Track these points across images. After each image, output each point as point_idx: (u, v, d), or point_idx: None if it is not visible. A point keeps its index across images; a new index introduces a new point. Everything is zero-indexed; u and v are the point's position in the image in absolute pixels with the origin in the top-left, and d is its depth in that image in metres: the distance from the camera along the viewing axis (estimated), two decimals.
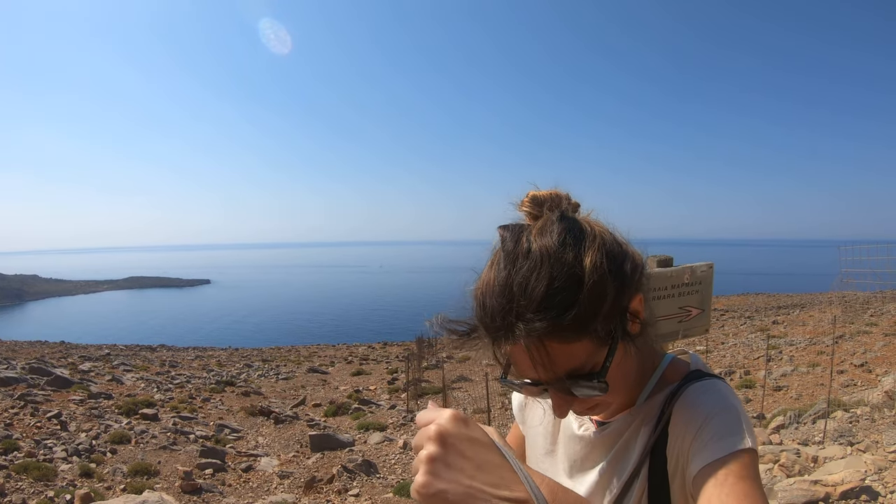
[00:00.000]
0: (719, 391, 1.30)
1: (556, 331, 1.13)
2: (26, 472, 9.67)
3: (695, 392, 1.31)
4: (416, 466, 0.97)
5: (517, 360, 1.24)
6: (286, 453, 13.39)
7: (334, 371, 29.67)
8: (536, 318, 1.12)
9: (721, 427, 1.21)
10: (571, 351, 1.18)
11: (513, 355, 1.25)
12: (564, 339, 1.15)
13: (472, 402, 17.47)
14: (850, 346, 18.55)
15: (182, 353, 40.82)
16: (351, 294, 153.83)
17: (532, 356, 1.18)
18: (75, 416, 14.09)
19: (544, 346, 1.16)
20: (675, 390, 1.35)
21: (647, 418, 1.37)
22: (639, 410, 1.40)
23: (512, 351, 1.23)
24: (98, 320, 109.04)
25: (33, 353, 32.59)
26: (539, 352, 1.17)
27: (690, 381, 1.35)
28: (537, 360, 1.18)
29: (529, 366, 1.21)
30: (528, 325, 1.12)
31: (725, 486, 1.13)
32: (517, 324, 1.14)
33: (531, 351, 1.17)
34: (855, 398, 11.55)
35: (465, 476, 0.93)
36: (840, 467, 6.92)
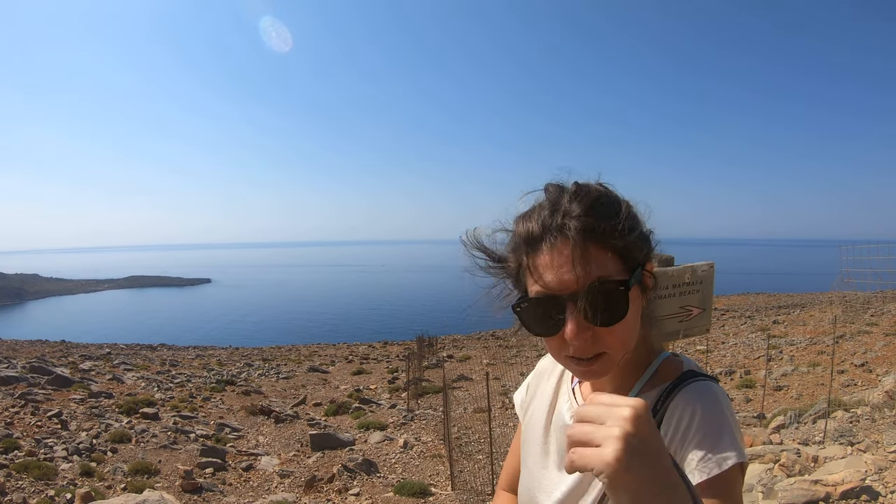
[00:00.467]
0: (714, 396, 1.35)
1: (600, 231, 1.29)
2: (27, 470, 9.67)
3: (690, 394, 1.36)
4: (599, 441, 1.00)
5: (550, 267, 1.31)
6: (286, 452, 13.40)
7: (335, 370, 29.67)
8: (585, 216, 1.29)
9: (711, 441, 1.27)
10: (606, 259, 1.30)
11: (546, 265, 1.32)
12: (604, 243, 1.30)
13: (472, 401, 17.49)
14: (850, 345, 18.56)
15: (182, 352, 40.86)
16: (351, 293, 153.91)
17: (574, 255, 1.27)
18: (76, 415, 14.09)
19: (587, 247, 1.28)
20: (670, 389, 1.40)
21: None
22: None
23: (546, 261, 1.32)
24: (98, 319, 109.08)
25: (34, 352, 32.61)
26: (582, 250, 1.27)
27: (686, 380, 1.40)
28: (577, 259, 1.27)
29: (567, 268, 1.28)
30: (579, 220, 1.29)
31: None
32: (567, 221, 1.30)
33: (575, 249, 1.27)
34: (855, 398, 11.56)
35: (653, 461, 0.98)
36: (840, 467, 6.92)
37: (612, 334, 1.32)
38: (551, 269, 1.31)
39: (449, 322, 71.09)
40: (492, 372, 15.12)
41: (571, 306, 1.28)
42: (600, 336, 1.31)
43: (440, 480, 11.18)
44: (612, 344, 1.33)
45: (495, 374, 20.37)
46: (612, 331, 1.31)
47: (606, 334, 1.31)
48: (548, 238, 1.33)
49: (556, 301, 1.31)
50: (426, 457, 12.73)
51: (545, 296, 1.33)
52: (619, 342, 1.33)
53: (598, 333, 1.31)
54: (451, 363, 28.38)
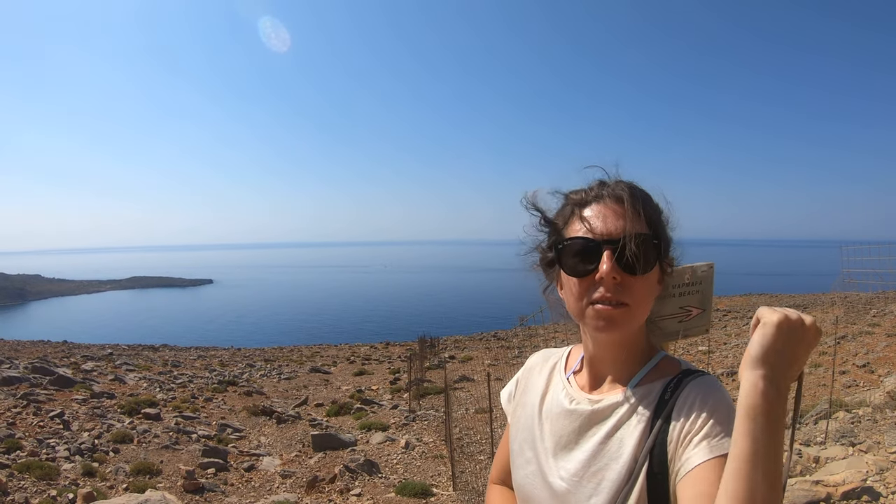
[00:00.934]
0: (722, 389, 1.46)
1: (643, 202, 1.56)
2: (29, 471, 9.68)
3: (700, 385, 1.48)
4: (787, 315, 1.27)
5: (597, 217, 1.56)
6: (288, 453, 13.41)
7: (336, 371, 29.68)
8: (634, 189, 1.59)
9: (722, 425, 1.37)
10: (643, 224, 1.53)
11: (593, 216, 1.56)
12: (646, 212, 1.55)
13: (473, 401, 17.48)
14: (852, 346, 18.53)
15: (184, 352, 40.87)
16: (353, 294, 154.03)
17: (620, 210, 1.53)
18: (78, 416, 14.11)
19: (633, 208, 1.52)
20: (677, 382, 1.52)
21: (644, 403, 1.53)
22: (633, 393, 1.56)
23: (594, 212, 1.57)
24: (100, 320, 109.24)
25: (36, 352, 32.62)
26: (629, 208, 1.52)
27: (690, 375, 1.53)
28: (623, 214, 1.53)
29: (611, 220, 1.53)
30: (629, 189, 1.57)
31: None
32: (619, 186, 1.59)
33: (622, 206, 1.54)
34: (857, 399, 11.54)
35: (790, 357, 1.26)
36: (842, 468, 6.92)
37: (636, 288, 1.50)
38: (597, 218, 1.54)
39: (450, 321, 70.91)
40: (493, 372, 15.11)
41: (609, 250, 1.48)
42: (627, 285, 1.49)
43: (442, 481, 11.18)
44: (634, 296, 1.50)
45: (497, 374, 20.34)
46: (636, 283, 1.50)
47: (633, 284, 1.50)
48: (600, 198, 1.58)
49: (595, 245, 1.51)
50: (428, 457, 12.74)
51: (586, 238, 1.53)
52: (640, 298, 1.52)
53: (625, 281, 1.49)
54: (453, 364, 28.38)
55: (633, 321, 1.52)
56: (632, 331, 1.57)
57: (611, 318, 1.49)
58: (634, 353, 1.63)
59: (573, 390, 1.71)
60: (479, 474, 11.00)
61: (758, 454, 1.18)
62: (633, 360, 1.63)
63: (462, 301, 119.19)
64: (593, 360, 1.69)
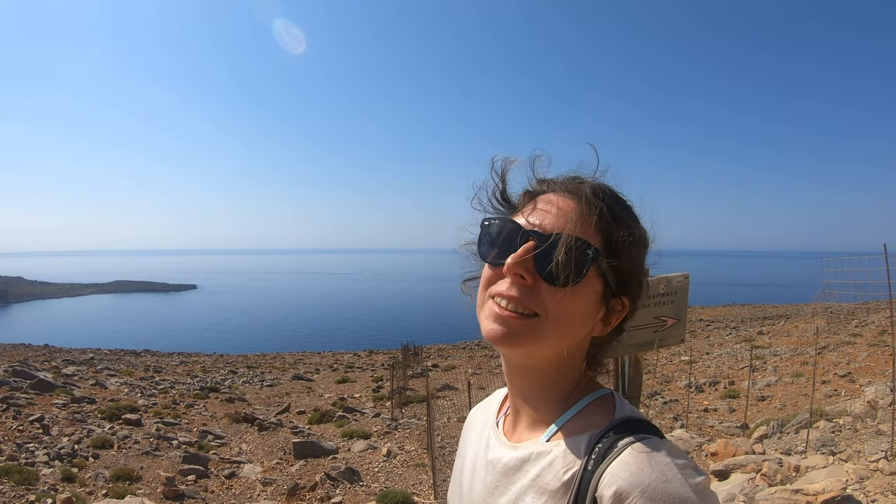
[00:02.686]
0: (659, 466, 1.09)
1: (611, 209, 1.25)
2: (7, 475, 9.61)
3: (632, 465, 1.10)
4: None
5: (542, 208, 1.27)
6: (269, 460, 13.36)
7: (319, 378, 29.65)
8: (602, 193, 1.26)
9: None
10: (593, 234, 1.22)
11: (540, 205, 1.29)
12: (605, 221, 1.23)
13: (455, 410, 17.48)
14: (834, 356, 18.66)
15: (166, 358, 40.71)
16: (338, 301, 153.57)
17: (568, 208, 1.24)
18: (58, 420, 14.02)
19: (587, 213, 1.22)
20: (605, 442, 1.18)
21: (558, 466, 1.21)
22: (547, 448, 1.26)
23: (543, 202, 1.29)
24: (82, 324, 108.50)
25: (16, 355, 32.43)
26: (582, 208, 1.22)
27: (624, 433, 1.18)
28: (573, 212, 1.23)
29: (553, 215, 1.25)
30: (595, 192, 1.25)
31: None
32: (584, 187, 1.27)
33: (580, 202, 1.24)
34: (838, 408, 11.62)
35: None
36: (822, 476, 6.95)
37: (553, 299, 1.20)
38: (541, 208, 1.28)
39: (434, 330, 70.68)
40: (476, 381, 15.16)
41: (532, 241, 1.21)
42: (539, 291, 1.21)
43: (423, 489, 11.17)
44: (548, 308, 1.20)
45: (480, 383, 20.38)
46: (553, 294, 1.20)
47: (547, 295, 1.20)
48: (559, 189, 1.29)
49: (516, 231, 1.26)
50: (409, 466, 12.72)
51: (514, 222, 1.28)
52: (558, 314, 1.21)
53: (538, 287, 1.21)
54: (436, 372, 28.43)
55: (539, 339, 1.22)
56: (542, 354, 1.27)
57: (507, 325, 1.23)
58: (553, 389, 1.33)
59: (498, 435, 1.44)
60: None
61: None
62: (552, 399, 1.33)
63: (446, 310, 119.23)
64: (511, 395, 1.44)
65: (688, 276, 1.98)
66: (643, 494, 1.04)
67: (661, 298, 1.93)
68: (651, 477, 1.06)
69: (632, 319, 1.36)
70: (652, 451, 1.10)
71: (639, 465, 1.08)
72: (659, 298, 1.90)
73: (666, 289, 1.92)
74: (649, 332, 1.94)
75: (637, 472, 1.07)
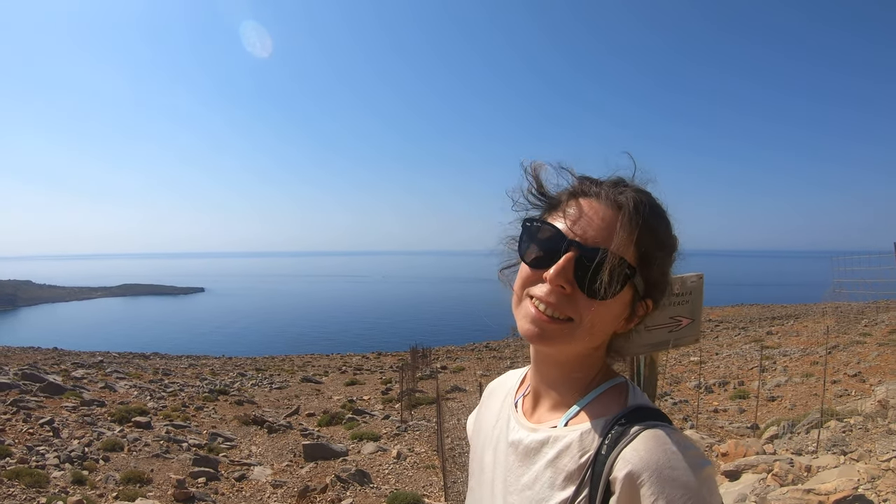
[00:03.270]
0: (669, 450, 1.20)
1: (649, 224, 1.31)
2: (18, 478, 9.64)
3: (642, 450, 1.20)
4: None
5: (585, 215, 1.33)
6: (279, 462, 13.37)
7: (328, 381, 29.64)
8: (643, 205, 1.31)
9: (675, 501, 1.14)
10: (630, 249, 1.29)
11: (582, 211, 1.33)
12: (643, 237, 1.30)
13: (465, 412, 17.46)
14: (844, 356, 18.57)
15: (175, 361, 40.77)
16: (346, 304, 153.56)
17: (612, 221, 1.29)
18: (68, 423, 14.06)
19: (628, 227, 1.27)
20: (619, 427, 1.27)
21: (576, 448, 1.31)
22: (566, 431, 1.36)
23: (585, 208, 1.34)
24: (91, 327, 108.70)
25: (26, 358, 32.53)
26: (623, 225, 1.28)
27: (636, 420, 1.28)
28: (616, 225, 1.29)
29: (598, 226, 1.30)
30: (637, 204, 1.30)
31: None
32: (627, 197, 1.31)
33: (622, 213, 1.29)
34: (849, 408, 11.56)
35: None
36: (833, 476, 6.93)
37: (588, 308, 1.29)
38: (583, 214, 1.32)
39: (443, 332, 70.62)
40: (485, 383, 15.11)
41: (573, 252, 1.29)
42: (576, 299, 1.30)
43: (433, 491, 11.16)
44: (583, 315, 1.30)
45: (489, 385, 20.36)
46: (590, 304, 1.29)
47: (583, 304, 1.29)
48: (601, 197, 1.34)
49: (560, 240, 1.32)
50: (419, 468, 12.71)
51: (557, 229, 1.34)
52: (591, 321, 1.30)
53: (575, 296, 1.30)
54: (445, 374, 28.39)
55: (572, 342, 1.33)
56: (571, 351, 1.38)
57: (543, 329, 1.32)
58: (578, 377, 1.43)
59: (517, 416, 1.54)
60: None
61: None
62: (575, 386, 1.43)
63: (454, 311, 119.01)
64: (534, 379, 1.53)
65: (702, 277, 1.98)
66: (652, 477, 1.15)
67: (676, 298, 1.93)
68: (660, 461, 1.17)
69: (651, 315, 1.45)
70: (662, 438, 1.21)
71: (649, 450, 1.19)
72: (674, 298, 1.91)
73: (681, 289, 1.93)
74: (664, 331, 1.94)
75: (647, 456, 1.18)
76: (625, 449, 1.21)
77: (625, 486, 1.18)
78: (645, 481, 1.16)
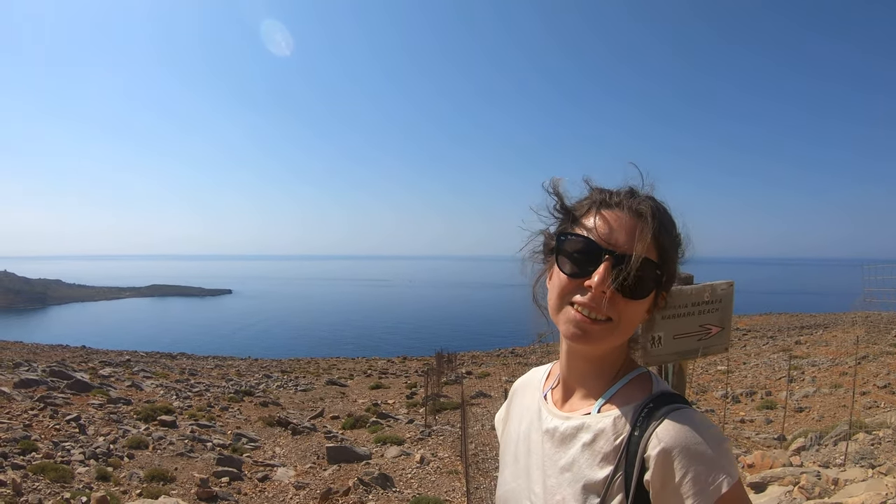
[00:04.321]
0: (696, 427, 1.38)
1: (664, 227, 1.51)
2: (43, 472, 9.74)
3: (673, 428, 1.38)
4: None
5: (612, 224, 1.50)
6: (303, 464, 13.40)
7: (353, 384, 29.66)
8: (657, 211, 1.51)
9: (702, 477, 1.32)
10: (652, 250, 1.48)
11: (610, 221, 1.51)
12: (658, 238, 1.48)
13: (490, 417, 17.41)
14: (873, 366, 18.37)
15: (201, 361, 41.01)
16: (372, 308, 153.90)
17: (637, 227, 1.47)
18: (94, 420, 14.18)
19: (651, 225, 1.46)
20: (647, 413, 1.45)
21: (610, 432, 1.48)
22: (599, 417, 1.52)
23: (612, 218, 1.51)
24: (119, 327, 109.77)
25: (54, 356, 32.90)
26: (646, 230, 1.46)
27: (662, 405, 1.46)
28: (639, 233, 1.46)
29: (625, 233, 1.47)
30: (653, 210, 1.49)
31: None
32: (644, 204, 1.50)
33: (642, 225, 1.47)
34: (877, 420, 11.42)
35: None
36: (860, 490, 6.84)
37: (623, 307, 1.47)
38: (611, 225, 1.49)
39: (468, 337, 70.51)
40: (510, 389, 15.07)
41: (609, 260, 1.45)
42: (615, 301, 1.46)
43: (456, 497, 11.14)
44: (621, 313, 1.48)
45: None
46: (625, 303, 1.47)
47: (620, 303, 1.47)
48: (622, 207, 1.51)
49: (597, 250, 1.48)
50: (442, 473, 12.69)
51: (592, 241, 1.49)
52: (626, 319, 1.49)
53: (614, 298, 1.46)
54: (470, 380, 28.35)
55: (611, 339, 1.50)
56: (608, 346, 1.55)
57: (587, 330, 1.48)
58: (606, 369, 1.61)
59: (549, 407, 1.69)
60: (493, 491, 10.92)
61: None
62: (604, 377, 1.60)
63: (481, 317, 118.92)
64: (564, 372, 1.69)
65: (732, 284, 1.96)
66: (681, 452, 1.34)
67: (706, 307, 1.91)
68: (688, 439, 1.35)
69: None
70: (687, 418, 1.40)
71: (677, 429, 1.37)
72: (704, 307, 1.89)
73: (710, 297, 1.90)
74: (693, 340, 1.92)
75: (676, 434, 1.36)
76: (657, 429, 1.39)
77: (658, 462, 1.35)
78: (675, 457, 1.34)
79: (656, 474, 1.36)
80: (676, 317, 1.89)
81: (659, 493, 1.36)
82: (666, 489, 1.35)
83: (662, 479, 1.35)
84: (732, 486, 1.31)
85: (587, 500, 1.45)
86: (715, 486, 1.31)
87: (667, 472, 1.35)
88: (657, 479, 1.36)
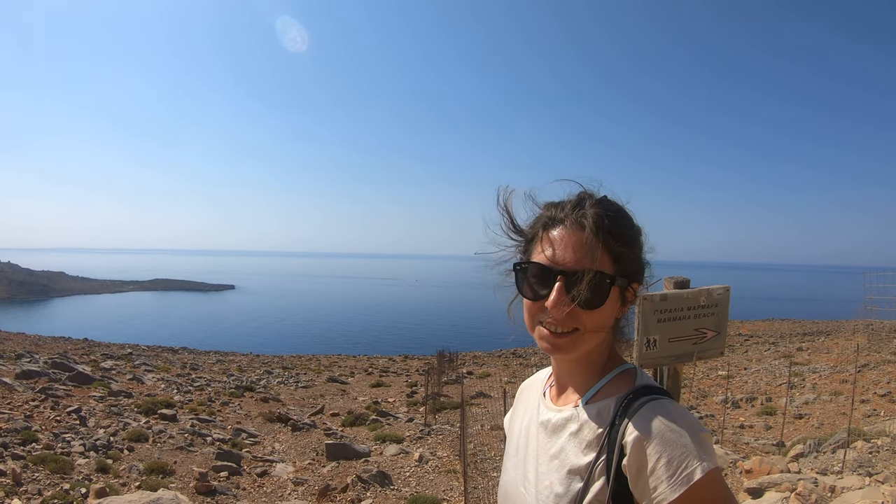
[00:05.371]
0: (671, 415, 1.48)
1: (607, 232, 1.56)
2: (43, 463, 9.79)
3: (646, 416, 1.49)
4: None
5: (558, 244, 1.60)
6: (302, 460, 13.43)
7: (354, 381, 29.69)
8: (602, 217, 1.57)
9: (675, 462, 1.41)
10: (603, 256, 1.56)
11: (555, 241, 1.61)
12: (606, 244, 1.55)
13: (490, 418, 17.43)
14: (874, 374, 18.35)
15: (203, 356, 41.00)
16: (375, 306, 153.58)
17: (579, 241, 1.56)
18: (95, 413, 14.23)
19: (594, 241, 1.54)
20: (627, 404, 1.55)
21: (594, 422, 1.60)
22: (585, 410, 1.64)
23: (556, 238, 1.61)
24: (121, 320, 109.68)
25: (56, 348, 32.94)
26: (588, 241, 1.54)
27: (641, 396, 1.56)
28: (580, 246, 1.56)
29: (570, 250, 1.57)
30: (596, 218, 1.56)
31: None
32: (586, 214, 1.58)
33: (583, 238, 1.56)
34: (877, 428, 11.41)
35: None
36: (857, 498, 6.84)
37: (588, 316, 1.57)
38: (558, 246, 1.59)
39: (470, 337, 70.46)
40: (510, 389, 15.08)
41: (561, 280, 1.56)
42: (576, 313, 1.56)
43: (454, 496, 11.15)
44: (585, 323, 1.58)
45: (515, 392, 20.29)
46: (588, 313, 1.56)
47: (583, 314, 1.56)
48: (566, 222, 1.60)
49: (549, 272, 1.58)
50: (441, 472, 12.70)
51: (543, 265, 1.60)
52: (593, 325, 1.59)
53: (574, 311, 1.55)
54: (471, 380, 28.36)
55: (583, 345, 1.61)
56: (584, 350, 1.64)
57: (556, 344, 1.61)
58: (592, 365, 1.71)
59: (545, 402, 1.83)
60: (491, 491, 10.96)
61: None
62: (591, 372, 1.71)
63: (482, 318, 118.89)
64: (556, 372, 1.84)
65: (728, 289, 1.97)
66: (654, 438, 1.43)
67: (702, 311, 1.92)
68: (662, 426, 1.45)
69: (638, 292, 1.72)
70: (663, 408, 1.49)
71: (652, 417, 1.47)
72: (699, 310, 1.90)
73: (707, 301, 1.92)
74: (689, 343, 1.94)
75: (651, 422, 1.46)
76: (634, 417, 1.50)
77: (634, 448, 1.45)
78: (649, 443, 1.43)
79: (632, 460, 1.46)
80: (672, 320, 1.91)
81: (635, 478, 1.46)
82: (641, 474, 1.45)
83: (638, 464, 1.45)
84: (707, 474, 1.38)
85: (571, 483, 1.57)
86: (687, 473, 1.38)
87: (641, 458, 1.44)
88: (633, 464, 1.46)
